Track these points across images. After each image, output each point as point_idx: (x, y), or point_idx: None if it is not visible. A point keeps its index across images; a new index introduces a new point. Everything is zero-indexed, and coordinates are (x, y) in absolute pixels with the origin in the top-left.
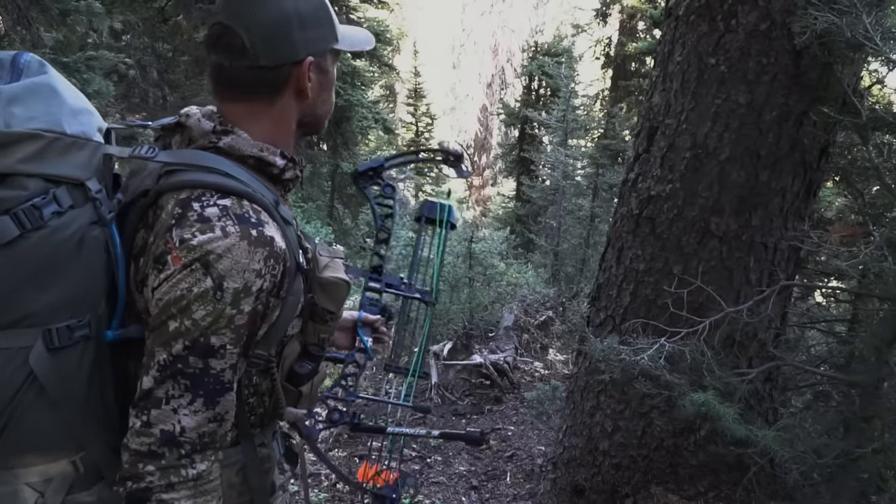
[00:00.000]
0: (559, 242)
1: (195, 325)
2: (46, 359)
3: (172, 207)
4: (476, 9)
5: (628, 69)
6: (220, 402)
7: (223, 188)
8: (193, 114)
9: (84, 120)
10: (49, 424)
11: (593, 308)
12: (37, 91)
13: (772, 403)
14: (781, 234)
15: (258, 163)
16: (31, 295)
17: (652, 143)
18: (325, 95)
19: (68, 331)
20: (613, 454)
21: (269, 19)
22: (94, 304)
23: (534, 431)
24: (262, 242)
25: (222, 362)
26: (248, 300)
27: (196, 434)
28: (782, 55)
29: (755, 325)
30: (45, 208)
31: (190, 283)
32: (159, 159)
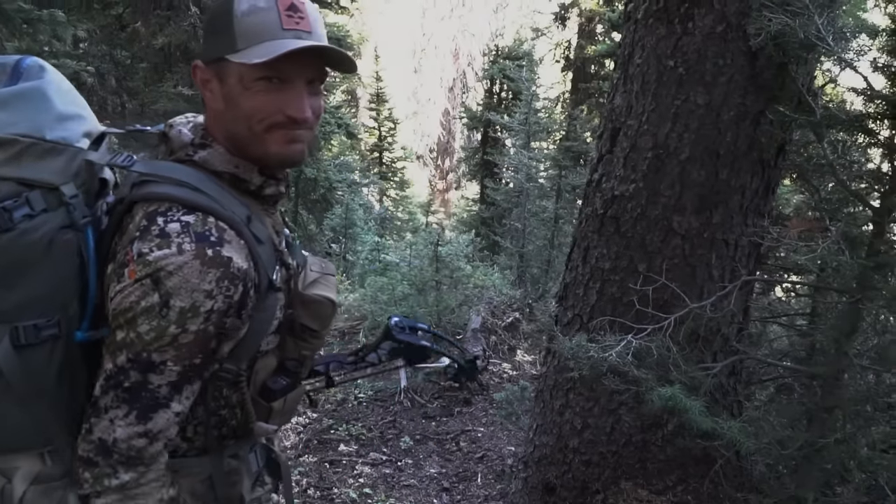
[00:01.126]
0: (524, 244)
1: (139, 338)
2: (12, 355)
3: (140, 219)
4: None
5: (588, 72)
6: (153, 418)
7: (189, 203)
8: (177, 124)
9: (69, 126)
10: (15, 418)
11: (561, 307)
12: (24, 96)
13: (736, 397)
14: (742, 231)
15: (233, 178)
16: (0, 293)
17: (615, 144)
18: (235, 111)
19: (35, 329)
20: (583, 451)
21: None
22: (63, 304)
23: (503, 432)
24: (217, 263)
25: (160, 378)
26: (194, 320)
27: (126, 446)
28: (738, 56)
29: (718, 321)
30: (16, 211)
31: (138, 296)
32: (135, 169)
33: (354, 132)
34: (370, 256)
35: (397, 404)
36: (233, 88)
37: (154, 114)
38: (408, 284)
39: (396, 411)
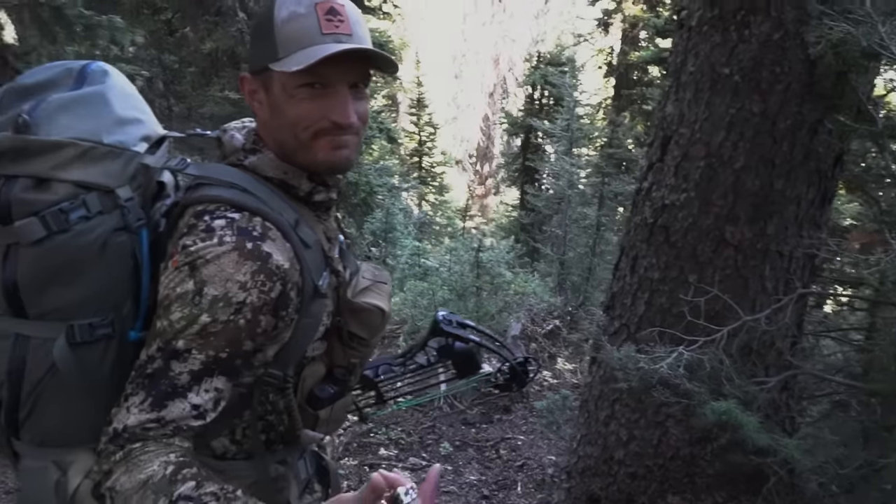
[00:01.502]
0: (565, 251)
1: (171, 325)
2: (67, 352)
3: (188, 218)
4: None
5: (631, 78)
6: (167, 406)
7: (238, 204)
8: (231, 129)
9: (127, 129)
10: (70, 414)
11: (607, 317)
12: (85, 101)
13: (788, 412)
14: (797, 242)
15: (282, 184)
16: (56, 291)
17: (665, 153)
18: (281, 119)
19: (90, 328)
20: (629, 463)
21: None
22: (117, 305)
23: (544, 441)
24: (254, 256)
25: (182, 366)
26: (225, 310)
27: (134, 430)
28: (796, 64)
29: (772, 334)
30: (73, 213)
31: (175, 283)
32: (188, 172)
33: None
34: (410, 261)
35: (436, 409)
36: (277, 97)
37: (200, 117)
38: (448, 290)
39: (436, 416)
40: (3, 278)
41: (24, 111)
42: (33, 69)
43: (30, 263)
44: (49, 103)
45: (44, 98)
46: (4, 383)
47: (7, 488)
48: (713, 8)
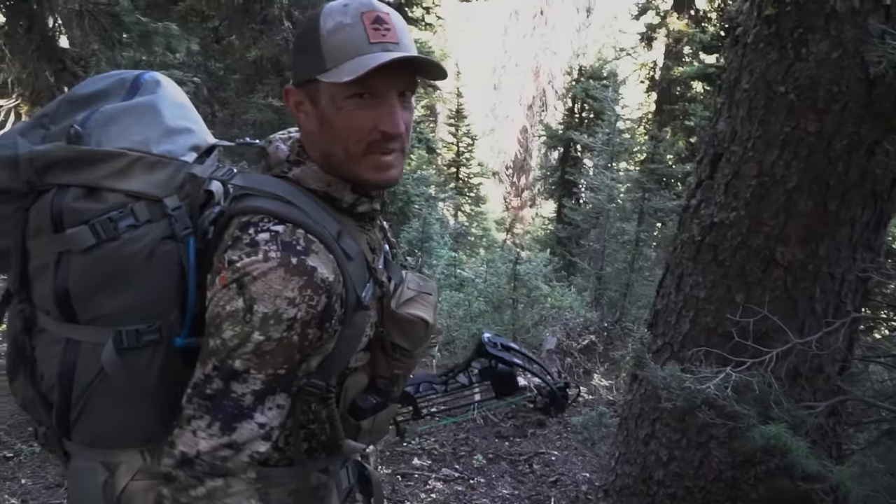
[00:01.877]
0: (602, 266)
1: (224, 344)
2: (115, 357)
3: (233, 230)
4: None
5: (673, 93)
6: (236, 428)
7: (281, 215)
8: (276, 140)
9: (176, 139)
10: (118, 417)
11: (650, 335)
12: (136, 111)
13: (835, 438)
14: (849, 265)
15: (326, 196)
16: (104, 298)
17: (716, 170)
18: (330, 132)
19: (137, 334)
20: (668, 484)
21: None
22: (164, 312)
23: (578, 457)
24: (300, 272)
25: (243, 387)
26: (277, 327)
27: (210, 458)
28: (854, 84)
29: (822, 358)
30: (121, 221)
31: (225, 301)
32: (234, 182)
33: (433, 147)
34: (445, 271)
35: (470, 422)
36: (326, 109)
37: (243, 123)
38: (484, 301)
39: (469, 428)
40: (54, 285)
41: (76, 121)
42: (89, 79)
43: (80, 271)
44: (101, 114)
45: (97, 108)
46: (56, 386)
47: (48, 483)
48: (770, 25)
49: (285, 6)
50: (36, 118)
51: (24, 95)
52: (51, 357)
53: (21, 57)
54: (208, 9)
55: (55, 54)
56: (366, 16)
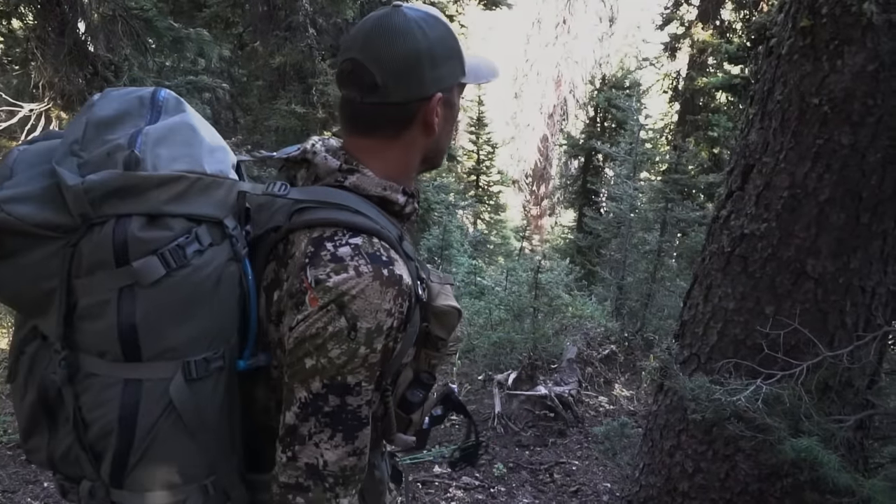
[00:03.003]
0: (624, 276)
1: (331, 363)
2: (185, 389)
3: (305, 246)
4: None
5: (697, 104)
6: (358, 436)
7: (354, 226)
8: (319, 150)
9: (220, 157)
10: (184, 451)
11: (677, 345)
12: (179, 131)
13: (862, 452)
14: (880, 279)
15: (381, 201)
16: (174, 330)
17: (747, 181)
18: (449, 128)
19: (205, 363)
20: (693, 496)
21: (401, 57)
22: (228, 336)
23: (599, 467)
24: (393, 282)
25: (358, 399)
26: (380, 339)
27: (338, 468)
28: (890, 97)
29: (852, 371)
30: (188, 247)
31: (325, 322)
32: (291, 196)
33: (454, 155)
34: (466, 279)
35: (490, 430)
36: (455, 107)
37: (266, 129)
38: (504, 310)
39: (489, 437)
40: (119, 322)
41: (123, 146)
42: (100, 99)
43: (149, 304)
44: (147, 136)
45: (138, 130)
46: (114, 431)
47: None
48: (805, 37)
49: (309, 13)
50: (65, 145)
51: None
52: (105, 402)
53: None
54: (233, 16)
55: (87, 59)
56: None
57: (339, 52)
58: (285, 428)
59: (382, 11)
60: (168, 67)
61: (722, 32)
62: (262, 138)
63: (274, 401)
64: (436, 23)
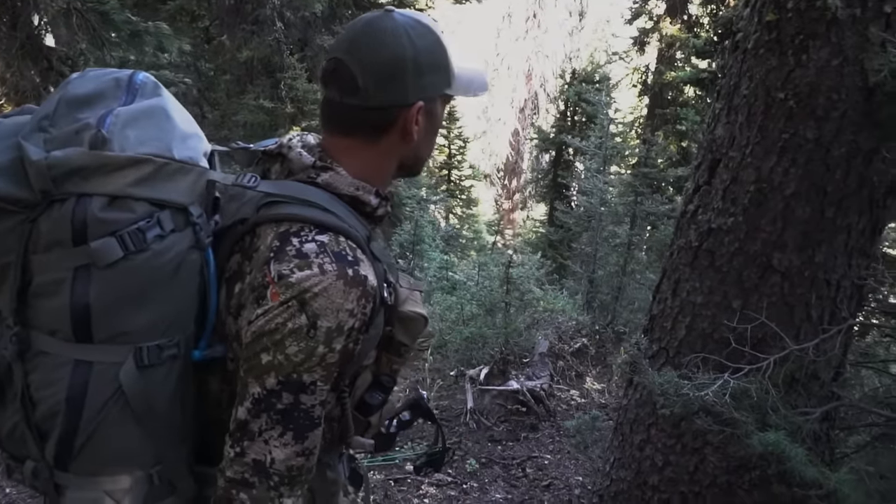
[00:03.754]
0: (594, 269)
1: (288, 360)
2: (136, 376)
3: (271, 240)
4: (510, 34)
5: (665, 97)
6: (308, 436)
7: (321, 223)
8: (295, 145)
9: (192, 144)
10: (131, 438)
11: (646, 339)
12: (151, 114)
13: (829, 443)
14: (845, 272)
15: (353, 201)
16: (128, 314)
17: (714, 176)
18: (430, 138)
19: (158, 350)
20: (663, 489)
21: (385, 62)
22: (185, 325)
23: (571, 461)
24: (357, 282)
25: (312, 398)
26: (339, 339)
27: (285, 466)
28: (853, 92)
29: (818, 364)
30: (149, 231)
31: (285, 318)
32: (260, 189)
33: None
34: (437, 274)
35: (462, 425)
36: (438, 118)
37: (234, 125)
38: (476, 304)
39: (462, 433)
40: (72, 302)
41: (91, 125)
42: (77, 78)
43: (104, 286)
44: (117, 117)
45: (108, 110)
46: (61, 412)
47: None
48: (771, 31)
49: (277, 7)
50: (35, 120)
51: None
52: (54, 381)
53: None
54: (198, 9)
55: (41, 53)
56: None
57: (326, 51)
58: (236, 422)
59: (373, 14)
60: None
61: (690, 27)
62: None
63: (227, 393)
64: (426, 32)
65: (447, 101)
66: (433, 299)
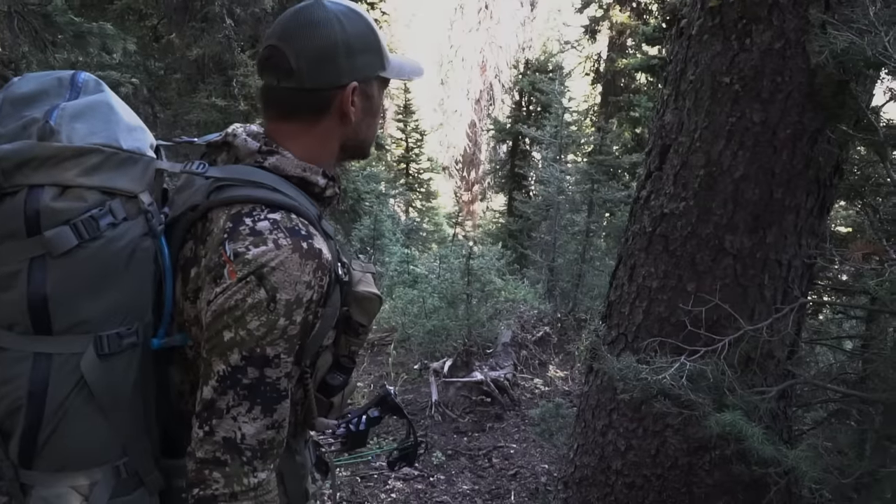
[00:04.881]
0: (554, 258)
1: (250, 335)
2: (97, 365)
3: (224, 222)
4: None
5: (618, 85)
6: (276, 409)
7: (272, 202)
8: (240, 133)
9: (138, 136)
10: (95, 430)
11: (605, 326)
12: (97, 108)
13: (786, 421)
14: (795, 252)
15: (301, 182)
16: (85, 302)
17: (664, 161)
18: (369, 120)
19: (118, 338)
20: (626, 473)
21: (317, 45)
22: (142, 312)
23: (536, 449)
24: (312, 255)
25: (277, 371)
26: (299, 311)
27: (256, 441)
28: (797, 74)
29: (772, 343)
30: (102, 219)
31: (244, 294)
32: (210, 174)
33: (382, 143)
34: (399, 268)
35: (428, 418)
36: (376, 100)
37: (187, 124)
38: (438, 297)
39: (427, 426)
40: (29, 293)
41: (38, 118)
42: (19, 79)
43: (61, 275)
44: (64, 110)
45: (54, 105)
46: (23, 407)
47: None
48: (714, 17)
49: (226, 3)
50: None
51: None
52: (14, 377)
53: None
54: (146, 7)
55: None
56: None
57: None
58: (203, 403)
59: (304, 3)
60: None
61: (639, 14)
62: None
63: (188, 384)
64: (356, 17)
65: (384, 84)
66: (395, 293)
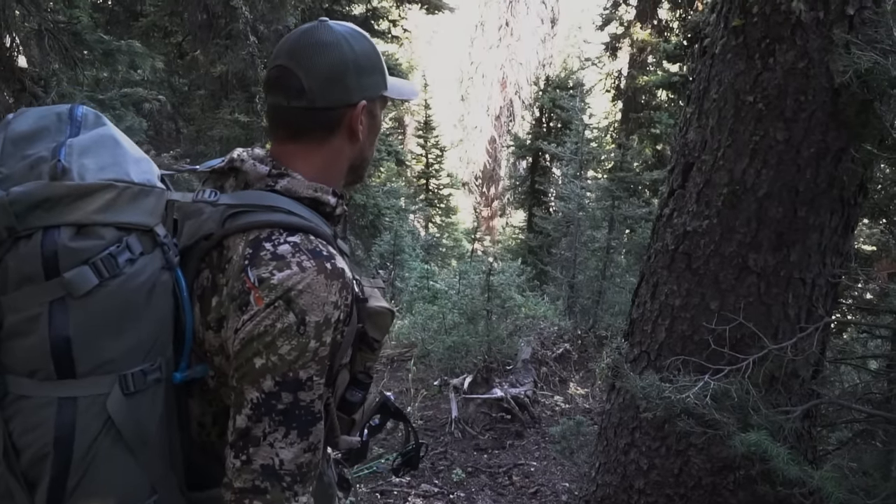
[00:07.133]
0: (574, 274)
1: (282, 360)
2: (123, 404)
3: (243, 249)
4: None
5: (639, 102)
6: (312, 431)
7: (290, 225)
8: (246, 158)
9: (145, 168)
10: (125, 471)
11: (627, 344)
12: (103, 143)
13: (811, 441)
14: (819, 270)
15: (313, 202)
16: (109, 342)
17: (687, 179)
18: (372, 139)
19: (143, 375)
20: (649, 493)
21: (328, 64)
22: (164, 347)
23: (557, 467)
24: (336, 275)
25: (311, 394)
26: (328, 332)
27: (294, 465)
28: (820, 93)
29: (797, 362)
30: (120, 256)
31: (273, 319)
32: (222, 202)
33: (402, 159)
34: (418, 283)
35: (447, 434)
36: (378, 118)
37: (209, 139)
38: (458, 313)
39: (447, 442)
40: (51, 337)
41: (46, 157)
42: (16, 117)
43: (83, 315)
44: (71, 147)
45: (60, 142)
46: (50, 455)
47: None
48: (737, 36)
49: (250, 21)
50: None
51: None
52: (38, 425)
53: None
54: (171, 24)
55: (14, 74)
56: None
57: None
58: (237, 432)
59: (309, 25)
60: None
61: (660, 31)
62: (206, 148)
63: (210, 415)
64: (361, 38)
65: (384, 103)
66: (415, 308)
